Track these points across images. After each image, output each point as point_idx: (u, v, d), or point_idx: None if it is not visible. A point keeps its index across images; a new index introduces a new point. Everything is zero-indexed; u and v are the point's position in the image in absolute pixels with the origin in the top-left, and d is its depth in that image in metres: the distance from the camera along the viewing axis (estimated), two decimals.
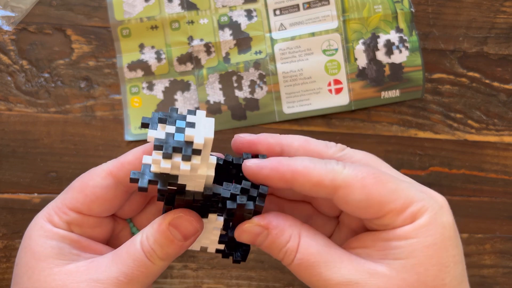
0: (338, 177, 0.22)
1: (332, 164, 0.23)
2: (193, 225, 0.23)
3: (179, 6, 0.36)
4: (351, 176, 0.22)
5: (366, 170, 0.22)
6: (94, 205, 0.25)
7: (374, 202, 0.22)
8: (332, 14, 0.36)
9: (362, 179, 0.22)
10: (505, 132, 0.37)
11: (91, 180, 0.25)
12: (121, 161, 0.25)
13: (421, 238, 0.22)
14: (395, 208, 0.22)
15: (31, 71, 0.35)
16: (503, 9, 0.37)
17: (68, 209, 0.25)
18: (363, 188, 0.22)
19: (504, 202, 0.37)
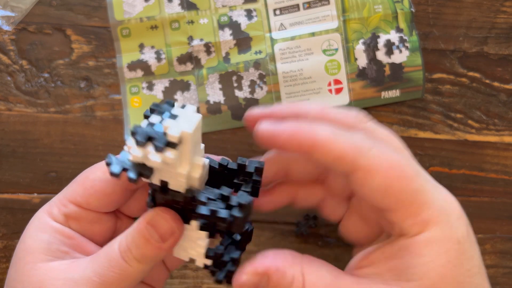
0: (363, 156, 0.20)
1: (359, 138, 0.21)
2: (168, 224, 0.22)
3: (179, 6, 0.36)
4: (377, 161, 0.20)
5: (394, 158, 0.21)
6: (92, 199, 0.24)
7: (391, 196, 0.21)
8: (332, 14, 0.36)
9: (388, 169, 0.20)
10: (505, 132, 0.37)
11: (92, 173, 0.25)
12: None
13: (435, 257, 0.20)
14: (409, 208, 0.21)
15: (31, 71, 0.35)
16: (503, 9, 0.37)
17: (68, 201, 0.24)
18: (386, 178, 0.20)
19: (504, 202, 0.37)
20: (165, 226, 0.22)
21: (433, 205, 0.21)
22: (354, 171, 0.21)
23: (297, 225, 0.36)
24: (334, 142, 0.20)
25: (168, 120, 0.20)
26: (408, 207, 0.21)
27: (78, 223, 0.25)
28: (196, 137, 0.21)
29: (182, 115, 0.20)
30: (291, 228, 0.36)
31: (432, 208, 0.21)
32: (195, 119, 0.20)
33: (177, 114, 0.20)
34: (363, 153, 0.20)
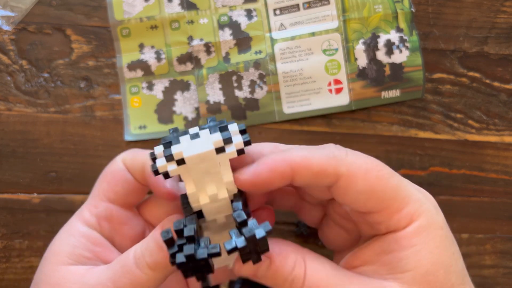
0: (342, 164, 0.21)
1: (332, 150, 0.22)
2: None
3: (179, 6, 0.36)
4: (356, 165, 0.21)
5: (370, 161, 0.22)
6: (118, 188, 0.26)
7: (375, 196, 0.21)
8: (332, 14, 0.36)
9: (367, 171, 0.21)
10: (505, 132, 0.37)
11: (109, 168, 0.26)
12: (134, 155, 0.26)
13: (424, 245, 0.21)
14: (392, 205, 0.21)
15: (31, 71, 0.35)
16: (503, 9, 0.37)
17: (98, 200, 0.26)
18: (366, 180, 0.21)
19: (505, 202, 0.37)
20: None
21: (413, 198, 0.22)
22: (336, 181, 0.21)
23: (297, 225, 0.36)
24: (311, 159, 0.21)
25: (185, 137, 0.21)
26: (392, 204, 0.21)
27: (109, 223, 0.26)
28: (202, 166, 0.21)
29: (205, 137, 0.21)
30: (291, 228, 0.36)
31: (413, 201, 0.22)
32: (205, 148, 0.20)
33: (201, 135, 0.21)
34: (342, 161, 0.21)
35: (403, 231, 0.21)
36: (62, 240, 0.25)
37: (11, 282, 0.35)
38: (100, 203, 0.26)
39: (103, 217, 0.25)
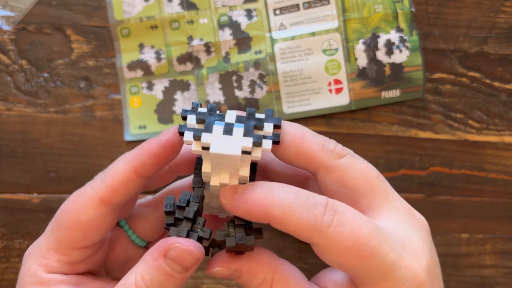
0: (318, 235, 0.20)
1: (316, 213, 0.20)
2: (193, 255, 0.21)
3: (179, 6, 0.36)
4: (334, 241, 0.20)
5: (355, 237, 0.20)
6: (95, 237, 0.23)
7: (351, 271, 0.21)
8: (332, 13, 0.36)
9: (346, 249, 0.20)
10: (505, 132, 0.37)
11: (83, 214, 0.23)
12: (112, 184, 0.22)
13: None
14: (371, 281, 0.21)
15: (31, 71, 0.35)
16: (503, 9, 0.37)
17: (69, 249, 0.23)
18: (343, 257, 0.20)
19: (505, 202, 0.37)
20: (189, 258, 0.21)
21: (395, 275, 0.20)
22: (311, 244, 0.21)
23: None
24: (289, 217, 0.20)
25: (218, 128, 0.20)
26: (369, 282, 0.21)
27: (85, 262, 0.24)
28: (223, 161, 0.21)
29: (237, 137, 0.20)
30: None
31: (394, 278, 0.20)
32: (233, 151, 0.20)
33: (234, 133, 0.20)
34: (320, 232, 0.20)
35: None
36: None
37: (11, 282, 0.35)
38: (71, 251, 0.23)
39: (78, 261, 0.23)
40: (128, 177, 0.22)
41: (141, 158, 0.22)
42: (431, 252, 0.22)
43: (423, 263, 0.21)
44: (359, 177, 0.22)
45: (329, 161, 0.22)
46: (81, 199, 0.23)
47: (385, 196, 0.22)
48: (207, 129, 0.20)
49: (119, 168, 0.22)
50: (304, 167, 0.23)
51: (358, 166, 0.22)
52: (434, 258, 0.22)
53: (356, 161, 0.22)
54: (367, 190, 0.22)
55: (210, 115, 0.21)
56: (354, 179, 0.22)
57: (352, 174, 0.22)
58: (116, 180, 0.22)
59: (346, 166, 0.22)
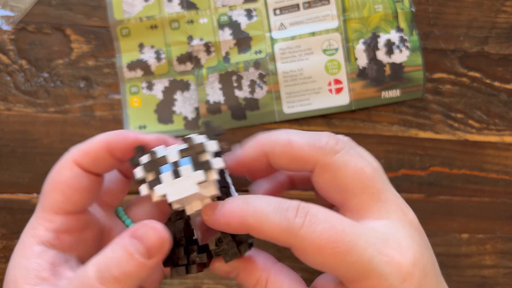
0: (292, 237, 0.20)
1: (288, 216, 0.20)
2: (157, 234, 0.20)
3: (179, 6, 0.36)
4: (308, 241, 0.20)
5: (327, 235, 0.20)
6: (75, 198, 0.23)
7: (329, 270, 0.21)
8: (332, 13, 0.36)
9: (320, 248, 0.20)
10: (506, 132, 0.37)
11: (61, 175, 0.24)
12: (85, 149, 0.24)
13: None
14: (349, 279, 0.21)
15: (31, 71, 0.35)
16: (504, 8, 0.37)
17: (53, 214, 0.23)
18: (319, 256, 0.20)
19: (505, 203, 0.37)
20: (154, 237, 0.20)
21: (374, 273, 0.20)
22: (290, 247, 0.21)
23: None
24: (265, 224, 0.20)
25: (166, 175, 0.21)
26: (347, 279, 0.21)
27: (69, 234, 0.24)
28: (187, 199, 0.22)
29: (187, 176, 0.21)
30: None
31: (373, 276, 0.20)
32: (190, 191, 0.21)
33: (183, 173, 0.21)
34: (294, 233, 0.20)
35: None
36: (16, 265, 0.23)
37: None
38: (55, 217, 0.23)
39: (62, 230, 0.23)
40: (100, 148, 0.23)
41: (116, 138, 0.23)
42: (419, 248, 0.21)
43: (408, 256, 0.21)
44: (351, 176, 0.22)
45: (322, 160, 0.22)
46: (59, 163, 0.24)
47: (377, 196, 0.22)
48: (157, 180, 0.21)
49: (96, 138, 0.24)
50: (302, 170, 0.23)
51: (352, 164, 0.22)
52: (424, 255, 0.22)
53: (351, 158, 0.22)
54: (359, 190, 0.22)
55: (154, 160, 0.21)
56: (347, 178, 0.22)
57: (345, 174, 0.22)
58: (90, 147, 0.24)
59: (340, 164, 0.22)
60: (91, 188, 0.24)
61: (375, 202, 0.22)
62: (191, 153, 0.21)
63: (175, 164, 0.21)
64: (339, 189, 0.22)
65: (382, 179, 0.23)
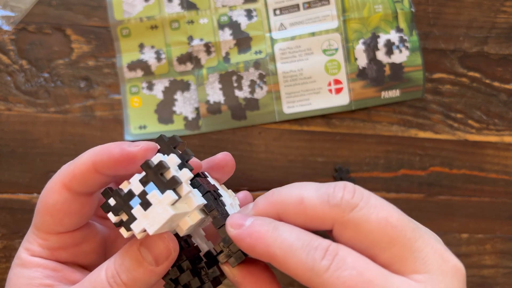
0: (315, 279, 0.19)
1: (315, 256, 0.19)
2: (165, 243, 0.21)
3: (179, 6, 0.36)
4: (331, 286, 0.19)
5: (354, 282, 0.19)
6: (65, 221, 0.23)
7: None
8: (332, 14, 0.36)
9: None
10: (505, 132, 0.37)
11: (49, 198, 0.23)
12: (72, 171, 0.23)
13: None
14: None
15: (31, 71, 0.35)
16: (503, 9, 0.37)
17: (45, 233, 0.23)
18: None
19: (505, 202, 0.37)
20: (161, 246, 0.21)
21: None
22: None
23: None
24: (290, 258, 0.19)
25: (137, 209, 0.20)
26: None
27: (64, 251, 0.24)
28: (169, 222, 0.21)
29: (157, 202, 0.20)
30: None
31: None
32: (166, 215, 0.20)
33: (152, 200, 0.20)
34: (317, 276, 0.19)
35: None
36: (17, 274, 0.23)
37: None
38: (48, 236, 0.23)
39: (56, 248, 0.23)
40: (87, 169, 0.22)
41: (101, 157, 0.22)
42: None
43: None
44: (376, 231, 0.20)
45: (340, 218, 0.20)
46: (49, 184, 0.23)
47: (409, 246, 0.20)
48: (130, 219, 0.20)
49: (82, 159, 0.23)
50: (319, 228, 0.21)
51: (374, 217, 0.20)
52: None
53: (371, 211, 0.20)
54: (386, 243, 0.20)
55: (123, 201, 0.21)
56: (371, 233, 0.20)
57: (368, 229, 0.20)
58: (76, 169, 0.22)
59: (360, 220, 0.20)
60: (82, 210, 0.24)
61: (408, 252, 0.20)
62: (152, 177, 0.20)
63: (142, 194, 0.20)
64: (365, 246, 0.20)
65: (411, 226, 0.21)
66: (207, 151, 0.36)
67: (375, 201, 0.20)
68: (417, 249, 0.20)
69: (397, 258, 0.20)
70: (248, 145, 0.36)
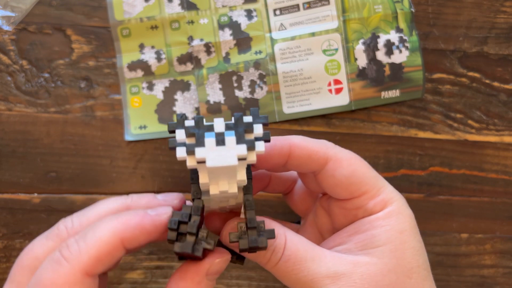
0: (331, 151, 0.25)
1: (324, 141, 0.26)
2: (225, 261, 0.23)
3: (179, 6, 0.36)
4: (341, 152, 0.25)
5: (354, 154, 0.26)
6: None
7: (356, 181, 0.25)
8: (332, 14, 0.36)
9: (350, 158, 0.25)
10: (505, 132, 0.37)
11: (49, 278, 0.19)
12: (96, 255, 0.20)
13: (394, 225, 0.24)
14: (371, 191, 0.25)
15: (31, 71, 0.35)
16: (503, 9, 0.37)
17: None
18: (350, 165, 0.25)
19: (505, 202, 0.37)
20: (223, 266, 0.23)
21: (388, 188, 0.25)
22: (325, 163, 0.25)
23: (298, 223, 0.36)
24: (306, 143, 0.25)
25: (210, 141, 0.20)
26: (370, 190, 0.25)
27: None
28: (219, 172, 0.21)
29: (230, 147, 0.20)
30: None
31: (388, 191, 0.25)
32: (229, 161, 0.20)
33: (227, 142, 0.20)
34: (331, 149, 0.25)
35: (376, 214, 0.24)
36: None
37: None
38: None
39: None
40: (115, 248, 0.20)
41: (132, 232, 0.21)
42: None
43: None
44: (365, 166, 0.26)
45: (335, 155, 0.25)
46: (60, 277, 0.19)
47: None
48: (199, 143, 0.20)
49: (105, 238, 0.20)
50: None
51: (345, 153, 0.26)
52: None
53: (341, 150, 0.26)
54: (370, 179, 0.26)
55: (198, 127, 0.21)
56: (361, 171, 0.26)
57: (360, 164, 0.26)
58: (101, 250, 0.20)
59: (339, 154, 0.25)
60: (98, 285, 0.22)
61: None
62: (238, 127, 0.21)
63: (220, 133, 0.21)
64: (358, 180, 0.25)
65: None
66: None
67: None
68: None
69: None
70: None
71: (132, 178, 0.35)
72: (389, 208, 0.24)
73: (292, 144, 0.24)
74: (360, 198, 0.25)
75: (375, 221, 0.24)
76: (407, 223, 0.24)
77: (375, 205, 0.25)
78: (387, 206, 0.25)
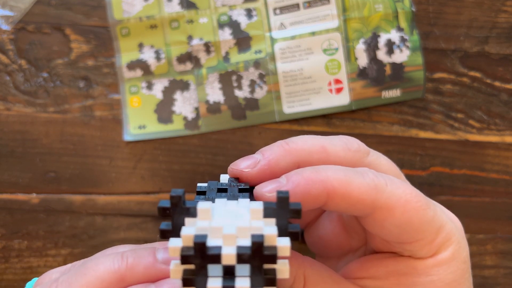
0: (381, 196, 0.19)
1: (371, 177, 0.20)
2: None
3: (179, 5, 0.36)
4: (395, 196, 0.19)
5: (409, 191, 0.20)
6: None
7: (410, 229, 0.20)
8: (332, 13, 0.36)
9: (406, 202, 0.20)
10: (506, 132, 0.37)
11: None
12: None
13: (442, 276, 0.21)
14: (426, 238, 0.20)
15: (30, 71, 0.35)
16: (504, 8, 0.37)
17: None
18: (404, 213, 0.19)
19: (506, 203, 0.37)
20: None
21: (445, 229, 0.21)
22: (373, 212, 0.20)
23: None
24: (350, 186, 0.19)
25: (214, 280, 0.16)
26: (426, 237, 0.20)
27: None
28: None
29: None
30: None
31: (445, 232, 0.21)
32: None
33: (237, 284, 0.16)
34: (381, 192, 0.19)
35: (425, 261, 0.21)
36: None
37: (10, 282, 0.35)
38: None
39: None
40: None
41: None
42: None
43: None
44: (387, 166, 0.22)
45: (361, 161, 0.21)
46: None
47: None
48: (200, 275, 0.16)
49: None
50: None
51: (382, 159, 0.23)
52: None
53: (378, 155, 0.22)
54: (397, 176, 0.22)
55: (201, 258, 0.15)
56: (385, 170, 0.22)
57: (383, 168, 0.22)
58: None
59: (375, 161, 0.22)
60: None
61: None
62: (254, 260, 0.15)
63: (229, 269, 0.16)
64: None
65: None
66: (207, 151, 0.36)
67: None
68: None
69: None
70: (248, 145, 0.36)
71: (131, 178, 0.35)
72: (441, 254, 0.21)
73: (331, 191, 0.19)
74: (412, 244, 0.21)
75: (422, 268, 0.21)
76: (459, 271, 0.21)
77: (429, 251, 0.21)
78: (440, 252, 0.21)
